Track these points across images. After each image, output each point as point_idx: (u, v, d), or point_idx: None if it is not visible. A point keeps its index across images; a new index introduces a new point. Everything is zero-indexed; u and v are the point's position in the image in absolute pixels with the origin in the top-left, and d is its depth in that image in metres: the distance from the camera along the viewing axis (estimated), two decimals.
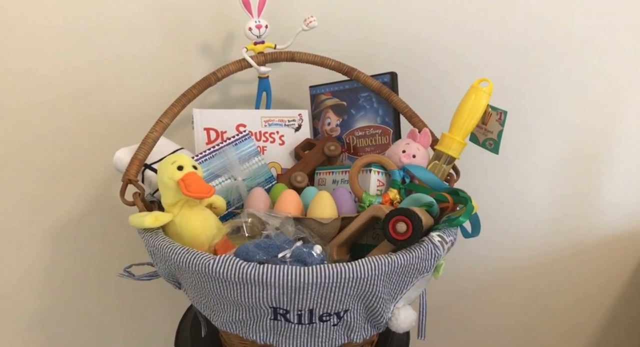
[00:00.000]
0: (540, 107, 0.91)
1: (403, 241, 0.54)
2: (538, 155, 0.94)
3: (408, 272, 0.54)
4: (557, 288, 1.05)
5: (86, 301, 0.98)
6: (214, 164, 0.69)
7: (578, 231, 0.99)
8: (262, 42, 0.74)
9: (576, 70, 0.88)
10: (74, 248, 0.94)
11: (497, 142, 0.67)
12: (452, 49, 0.88)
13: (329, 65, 0.73)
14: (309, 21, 0.74)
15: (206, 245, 0.59)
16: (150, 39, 0.84)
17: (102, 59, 0.83)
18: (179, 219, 0.58)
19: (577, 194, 0.96)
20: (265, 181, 0.73)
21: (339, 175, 0.72)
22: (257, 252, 0.52)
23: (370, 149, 0.79)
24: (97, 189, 0.91)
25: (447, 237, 0.57)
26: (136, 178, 0.63)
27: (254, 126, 0.78)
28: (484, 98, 0.65)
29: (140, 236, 0.59)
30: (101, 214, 0.92)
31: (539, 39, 0.87)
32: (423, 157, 0.68)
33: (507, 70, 0.88)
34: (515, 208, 0.98)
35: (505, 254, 1.03)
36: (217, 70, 0.68)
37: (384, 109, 0.77)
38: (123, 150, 0.67)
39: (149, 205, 0.64)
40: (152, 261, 0.60)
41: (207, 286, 0.53)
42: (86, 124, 0.86)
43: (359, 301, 0.53)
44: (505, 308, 1.08)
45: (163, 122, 0.65)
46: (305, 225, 0.60)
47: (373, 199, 0.64)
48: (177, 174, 0.57)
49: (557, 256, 1.01)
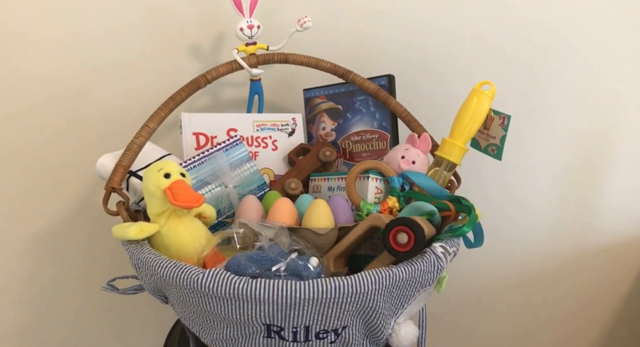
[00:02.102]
0: (539, 111, 0.89)
1: (404, 253, 0.52)
2: (537, 160, 0.93)
3: (410, 285, 0.52)
4: (557, 294, 1.03)
5: (67, 315, 0.95)
6: (203, 170, 0.66)
7: (579, 237, 0.98)
8: (254, 43, 0.73)
9: (576, 73, 0.87)
10: (55, 259, 0.91)
11: (499, 148, 0.65)
12: (452, 50, 0.86)
13: (323, 67, 0.71)
14: (303, 21, 0.72)
15: (195, 257, 0.56)
16: (137, 40, 0.82)
17: (87, 61, 0.81)
18: (166, 229, 0.56)
19: (577, 199, 0.95)
20: (258, 188, 0.70)
21: (335, 182, 0.70)
22: (250, 266, 0.50)
23: (366, 154, 0.77)
24: (80, 197, 0.88)
25: (450, 248, 0.55)
26: (120, 186, 0.60)
27: (246, 131, 0.75)
28: (486, 102, 0.63)
29: (124, 247, 0.56)
30: (84, 223, 0.89)
31: (539, 41, 0.85)
32: (423, 163, 0.66)
33: (508, 72, 0.87)
34: (514, 214, 0.97)
35: (505, 260, 1.01)
36: (207, 72, 0.66)
37: (381, 112, 0.75)
38: (106, 156, 0.65)
39: (134, 215, 0.61)
40: (137, 274, 0.57)
41: (196, 302, 0.50)
42: (69, 129, 0.84)
43: (358, 317, 0.51)
44: (505, 315, 1.06)
45: (149, 126, 0.62)
46: (300, 235, 0.57)
47: (371, 207, 0.62)
48: (163, 182, 0.54)
49: (557, 262, 1.00)
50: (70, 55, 0.80)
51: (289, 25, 0.73)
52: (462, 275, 1.02)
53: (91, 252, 0.91)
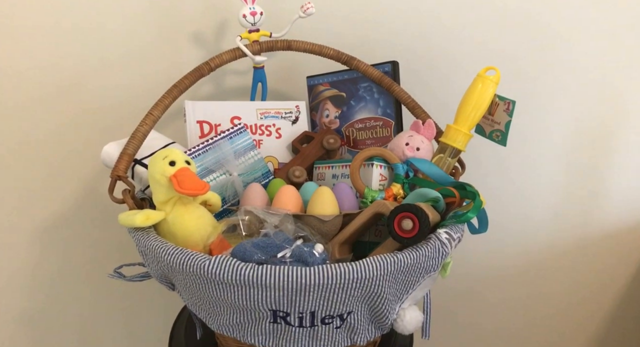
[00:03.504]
0: (544, 98, 0.88)
1: (409, 239, 0.52)
2: (540, 149, 0.92)
3: (415, 271, 0.52)
4: (560, 285, 1.03)
5: (75, 302, 0.96)
6: (207, 158, 0.66)
7: (582, 227, 0.98)
8: (257, 30, 0.71)
9: (582, 61, 0.86)
10: (63, 247, 0.91)
11: (504, 134, 0.64)
12: (457, 35, 0.85)
13: (327, 54, 0.71)
14: (306, 8, 0.71)
15: (201, 244, 0.56)
16: (139, 27, 0.81)
17: (88, 50, 0.80)
18: (172, 217, 0.56)
19: (580, 188, 0.94)
20: (262, 176, 0.70)
21: (339, 169, 0.70)
22: (255, 252, 0.50)
23: (370, 141, 0.76)
24: (87, 185, 0.88)
25: (454, 234, 0.55)
26: (125, 174, 0.60)
27: (249, 119, 0.75)
28: (491, 87, 0.63)
29: (130, 235, 0.56)
30: (91, 211, 0.89)
31: (547, 26, 0.84)
32: (427, 150, 0.65)
33: (514, 59, 0.86)
34: (516, 203, 0.96)
35: (506, 250, 1.01)
36: (210, 60, 0.66)
37: (385, 99, 0.75)
38: (111, 144, 0.65)
39: (140, 202, 0.61)
40: (144, 261, 0.57)
41: (203, 288, 0.50)
42: (73, 118, 0.83)
43: (363, 303, 0.51)
44: (505, 305, 1.06)
45: (153, 115, 0.62)
46: (305, 222, 0.57)
47: (375, 194, 0.62)
48: (169, 169, 0.54)
49: (559, 251, 1.00)
50: (72, 45, 0.80)
51: (292, 12, 0.71)
52: (463, 265, 1.01)
53: (99, 240, 0.91)
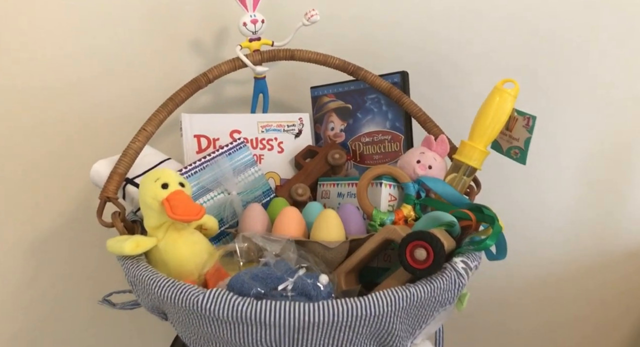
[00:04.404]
0: (564, 109, 0.85)
1: (422, 270, 0.48)
2: (560, 162, 0.88)
3: (428, 305, 0.48)
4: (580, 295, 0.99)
5: (69, 317, 0.92)
6: (205, 176, 0.62)
7: (602, 241, 0.94)
8: (258, 39, 0.70)
9: (603, 71, 0.82)
10: (59, 261, 0.88)
11: (524, 152, 0.60)
12: (471, 45, 0.82)
13: (332, 64, 0.68)
14: (310, 15, 0.69)
15: (196, 274, 0.52)
16: (136, 35, 0.79)
17: (84, 57, 0.79)
18: (164, 244, 0.52)
19: (601, 201, 0.91)
20: (263, 195, 0.66)
21: (345, 187, 0.66)
22: (254, 285, 0.46)
23: (378, 156, 0.73)
24: (83, 198, 0.85)
25: (471, 262, 0.51)
26: (116, 195, 0.56)
27: (250, 132, 0.72)
28: (509, 101, 0.59)
29: (119, 263, 0.52)
30: (85, 228, 0.86)
31: (565, 36, 0.81)
32: (440, 168, 0.61)
33: (532, 70, 0.82)
34: (535, 216, 0.93)
35: (527, 260, 0.97)
36: (208, 71, 0.63)
37: (394, 112, 0.71)
38: (101, 162, 0.61)
39: (131, 225, 0.58)
40: (134, 292, 0.53)
41: (196, 324, 0.46)
42: (64, 129, 0.81)
43: (372, 340, 0.47)
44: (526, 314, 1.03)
45: (147, 130, 0.59)
46: (309, 249, 0.53)
47: (384, 216, 0.58)
48: (161, 193, 0.50)
49: (581, 264, 0.96)
50: (67, 52, 0.78)
51: (295, 19, 0.69)
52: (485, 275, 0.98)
53: (95, 254, 0.88)
